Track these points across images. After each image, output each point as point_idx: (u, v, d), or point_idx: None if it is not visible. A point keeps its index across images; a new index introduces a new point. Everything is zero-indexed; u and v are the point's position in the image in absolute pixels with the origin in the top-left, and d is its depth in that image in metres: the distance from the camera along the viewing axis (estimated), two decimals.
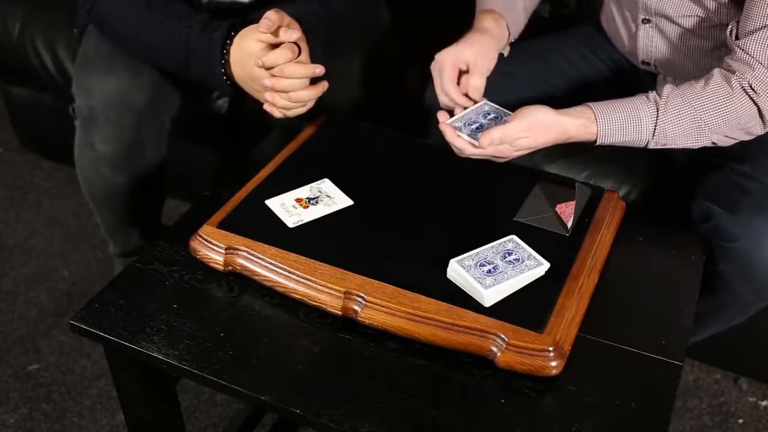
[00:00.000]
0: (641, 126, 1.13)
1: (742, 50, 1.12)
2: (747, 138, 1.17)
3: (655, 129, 1.13)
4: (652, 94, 1.14)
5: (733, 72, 1.13)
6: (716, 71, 1.14)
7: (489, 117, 1.17)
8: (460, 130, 1.14)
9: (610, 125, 1.13)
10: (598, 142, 1.15)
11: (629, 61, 1.44)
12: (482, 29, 1.24)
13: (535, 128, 1.11)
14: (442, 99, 1.20)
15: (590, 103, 1.15)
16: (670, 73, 1.37)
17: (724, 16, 1.22)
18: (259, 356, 0.94)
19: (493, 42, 1.24)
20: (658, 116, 1.13)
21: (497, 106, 1.19)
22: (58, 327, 1.70)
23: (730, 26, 1.17)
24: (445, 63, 1.19)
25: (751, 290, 1.22)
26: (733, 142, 1.17)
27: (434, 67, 1.21)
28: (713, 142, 1.16)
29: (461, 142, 1.14)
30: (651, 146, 1.16)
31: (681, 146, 1.16)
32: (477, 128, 1.14)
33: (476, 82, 1.19)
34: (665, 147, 1.16)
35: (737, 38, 1.15)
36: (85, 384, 1.59)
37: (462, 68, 1.20)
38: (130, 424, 1.13)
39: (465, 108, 1.19)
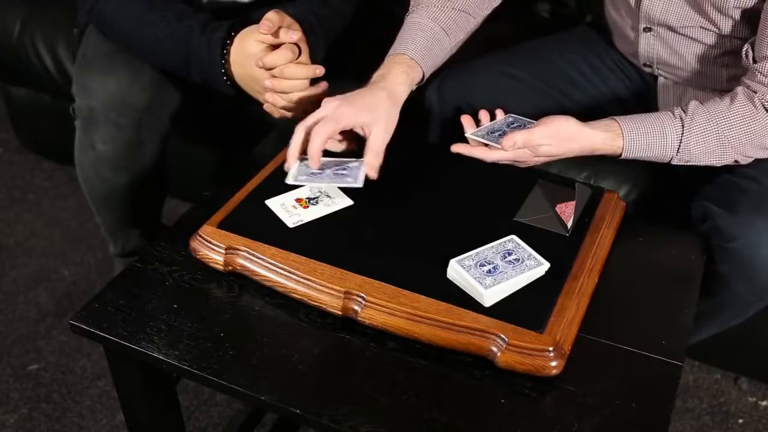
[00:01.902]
0: (666, 142, 1.13)
1: (762, 74, 1.13)
2: (766, 156, 1.18)
3: (679, 146, 1.13)
4: (677, 110, 1.14)
5: (755, 91, 1.14)
6: (740, 90, 1.15)
7: (513, 126, 1.17)
8: (481, 137, 1.14)
9: (636, 140, 1.13)
10: (622, 156, 1.15)
11: (630, 62, 1.44)
12: (395, 94, 1.12)
13: (559, 137, 1.11)
14: (298, 132, 1.09)
15: (615, 117, 1.15)
16: (671, 76, 1.37)
17: (728, 27, 1.22)
18: (259, 356, 0.94)
19: (398, 113, 1.13)
20: (683, 133, 1.13)
21: (521, 117, 1.19)
22: (58, 327, 1.70)
23: (745, 48, 1.17)
24: (343, 121, 1.07)
25: (751, 290, 1.22)
26: (751, 160, 1.18)
27: (325, 111, 1.08)
28: (735, 161, 1.16)
29: (479, 152, 1.13)
30: (675, 162, 1.16)
31: (704, 164, 1.16)
32: (499, 135, 1.14)
33: (376, 161, 1.08)
34: (688, 163, 1.16)
35: (754, 61, 1.15)
36: (85, 384, 1.59)
37: (358, 132, 1.10)
38: (130, 424, 1.13)
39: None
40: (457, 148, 1.14)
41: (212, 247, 1.03)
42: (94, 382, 1.60)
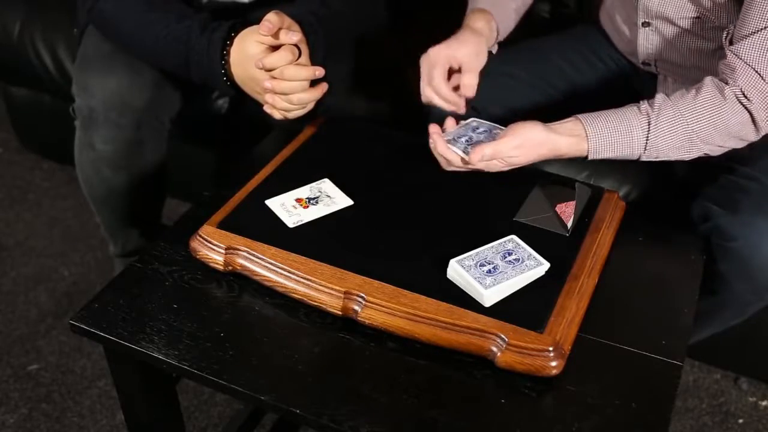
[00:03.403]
0: (633, 141, 1.12)
1: (735, 55, 1.12)
2: (741, 145, 1.16)
3: (646, 143, 1.12)
4: (644, 105, 1.12)
5: (726, 81, 1.12)
6: (708, 80, 1.13)
7: (479, 131, 1.17)
8: (452, 142, 1.14)
9: (602, 142, 1.12)
10: (589, 158, 1.14)
11: (630, 61, 1.44)
12: (474, 29, 1.24)
13: (527, 146, 1.11)
14: (427, 93, 1.20)
15: (581, 117, 1.13)
16: (671, 74, 1.37)
17: (723, 17, 1.22)
18: (259, 356, 0.94)
19: (484, 42, 1.24)
20: (649, 130, 1.12)
21: (487, 122, 1.19)
22: (58, 327, 1.70)
23: (726, 30, 1.16)
24: (438, 59, 1.18)
25: (751, 290, 1.22)
26: (724, 150, 1.16)
27: (424, 62, 1.20)
28: (705, 153, 1.15)
29: (452, 155, 1.13)
30: (643, 159, 1.15)
31: (673, 158, 1.15)
32: (467, 141, 1.14)
33: (470, 81, 1.19)
34: (657, 159, 1.16)
35: (731, 43, 1.14)
36: (85, 384, 1.59)
37: (453, 66, 1.20)
38: (130, 424, 1.13)
39: (452, 110, 1.19)
40: (437, 138, 1.15)
41: (212, 247, 1.03)
42: (94, 382, 1.60)
